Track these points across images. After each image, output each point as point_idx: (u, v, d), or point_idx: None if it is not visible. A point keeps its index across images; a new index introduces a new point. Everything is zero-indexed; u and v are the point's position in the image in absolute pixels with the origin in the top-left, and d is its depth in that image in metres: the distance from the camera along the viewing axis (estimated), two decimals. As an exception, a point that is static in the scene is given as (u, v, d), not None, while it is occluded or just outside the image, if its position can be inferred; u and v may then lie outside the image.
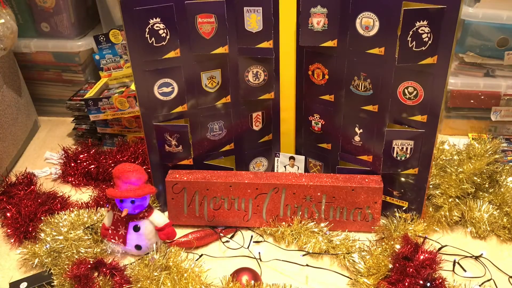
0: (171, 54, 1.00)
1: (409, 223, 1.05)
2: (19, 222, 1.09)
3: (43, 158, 1.37)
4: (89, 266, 0.94)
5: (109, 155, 1.29)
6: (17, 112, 1.38)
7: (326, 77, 1.06)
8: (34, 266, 1.00)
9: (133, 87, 1.26)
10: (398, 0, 0.90)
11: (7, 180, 1.23)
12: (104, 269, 0.95)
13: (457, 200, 1.10)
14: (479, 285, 0.93)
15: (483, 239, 1.07)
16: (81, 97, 1.37)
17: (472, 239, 1.07)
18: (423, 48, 0.92)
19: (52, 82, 1.51)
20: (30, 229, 1.07)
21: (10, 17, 1.25)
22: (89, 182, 1.26)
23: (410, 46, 0.92)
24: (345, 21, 0.97)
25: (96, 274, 0.95)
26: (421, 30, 0.91)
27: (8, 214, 1.11)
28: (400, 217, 1.07)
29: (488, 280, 0.95)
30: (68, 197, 1.20)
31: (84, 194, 1.23)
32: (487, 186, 1.14)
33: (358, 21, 0.96)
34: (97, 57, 1.40)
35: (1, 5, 1.26)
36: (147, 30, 0.96)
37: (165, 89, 1.03)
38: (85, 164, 1.27)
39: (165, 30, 0.97)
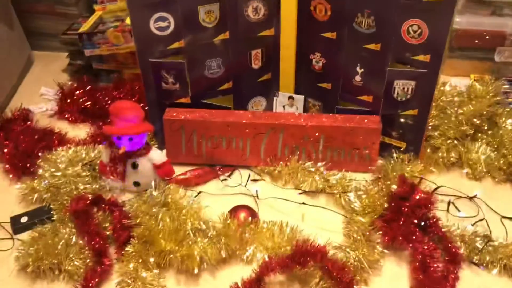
0: (168, -13, 0.96)
1: (406, 163, 1.06)
2: (17, 158, 1.09)
3: (39, 94, 1.35)
4: (88, 201, 0.95)
5: (105, 91, 1.27)
6: (9, 46, 1.35)
7: (329, 13, 1.02)
8: (33, 201, 1.01)
9: (128, 21, 1.22)
10: None
11: (3, 115, 1.22)
12: (103, 205, 0.96)
13: (455, 141, 1.10)
14: (472, 225, 0.95)
15: (479, 180, 1.08)
16: (75, 31, 1.33)
17: (467, 180, 1.08)
18: (431, -16, 0.88)
19: (44, 15, 1.46)
20: (28, 164, 1.08)
21: None
22: (86, 119, 1.25)
23: (417, -19, 0.89)
24: (351, -47, 0.93)
25: (95, 209, 0.96)
26: (430, -36, 0.87)
27: (6, 150, 1.11)
28: (397, 157, 1.07)
29: (481, 220, 0.97)
30: (65, 133, 1.20)
31: (81, 131, 1.22)
32: (486, 128, 1.13)
33: (364, -47, 0.91)
34: (90, -11, 1.35)
35: None
36: (142, -40, 0.91)
37: (161, 24, 1.00)
38: (81, 100, 1.26)
39: (161, -40, 0.93)
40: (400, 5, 0.93)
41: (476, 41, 1.32)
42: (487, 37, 1.30)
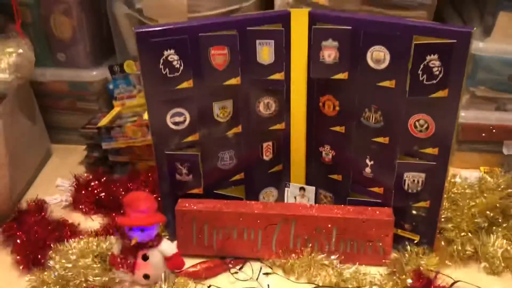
0: (184, 85, 1.02)
1: (420, 256, 1.03)
2: (28, 249, 1.09)
3: (55, 185, 1.38)
4: (97, 295, 0.93)
5: (120, 183, 1.30)
6: (30, 140, 1.40)
7: (337, 108, 1.07)
8: (42, 294, 1.00)
9: (145, 116, 1.27)
10: (409, 35, 0.92)
11: (18, 206, 1.24)
12: (111, 298, 0.94)
13: (469, 234, 1.08)
14: (494, 323, 0.91)
15: (497, 275, 1.05)
16: (94, 125, 1.38)
17: (485, 275, 1.05)
18: (434, 82, 0.93)
19: (66, 110, 1.53)
20: (39, 256, 1.07)
21: (28, 47, 1.29)
22: (99, 210, 1.26)
23: (421, 79, 0.93)
24: (356, 54, 0.99)
25: (103, 303, 0.94)
26: (432, 63, 0.92)
27: (18, 241, 1.12)
28: (411, 250, 1.05)
29: (503, 318, 0.93)
30: (78, 224, 1.20)
31: (94, 222, 1.23)
32: (500, 220, 1.12)
33: (369, 54, 0.97)
34: (111, 86, 1.42)
35: (20, 36, 1.29)
36: (161, 61, 0.98)
37: (177, 119, 1.04)
38: (95, 191, 1.28)
39: (178, 61, 0.99)
40: (406, 101, 0.97)
41: (483, 134, 1.34)
42: (494, 130, 1.33)
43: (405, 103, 0.97)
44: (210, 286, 1.01)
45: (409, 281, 0.94)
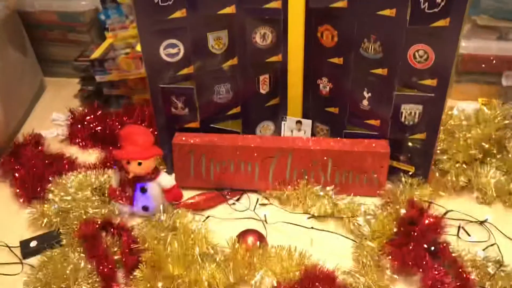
0: (177, 14, 0.98)
1: (415, 187, 1.05)
2: (27, 182, 1.10)
3: (50, 119, 1.37)
4: (97, 226, 0.95)
5: (115, 116, 1.29)
6: (23, 72, 1.37)
7: (336, 39, 1.04)
8: (43, 225, 1.02)
9: (138, 48, 1.24)
10: (411, -41, 0.88)
11: (15, 140, 1.24)
12: (111, 229, 0.96)
13: (464, 165, 1.09)
14: (483, 250, 0.94)
15: (489, 205, 1.07)
16: (86, 57, 1.36)
17: (477, 205, 1.07)
18: (436, 10, 0.90)
19: (57, 42, 1.49)
20: (39, 189, 1.09)
21: (13, -26, 1.23)
22: (96, 144, 1.26)
23: (422, 7, 0.90)
24: (356, -19, 0.95)
25: (104, 234, 0.96)
26: (435, -10, 0.88)
27: (17, 174, 1.13)
28: (406, 181, 1.07)
29: (492, 245, 0.96)
30: (75, 158, 1.21)
31: (91, 156, 1.23)
32: (495, 151, 1.13)
33: (369, -19, 0.93)
34: (102, 17, 1.37)
35: (4, -38, 1.23)
36: (153, -11, 0.94)
37: (171, 50, 1.02)
38: (91, 125, 1.28)
39: (171, -11, 0.95)
40: (406, 31, 0.94)
41: (483, 65, 1.32)
42: (494, 61, 1.31)
43: (405, 33, 0.94)
44: (208, 217, 1.03)
45: (403, 211, 0.96)
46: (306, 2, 1.01)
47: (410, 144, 1.06)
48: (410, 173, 1.09)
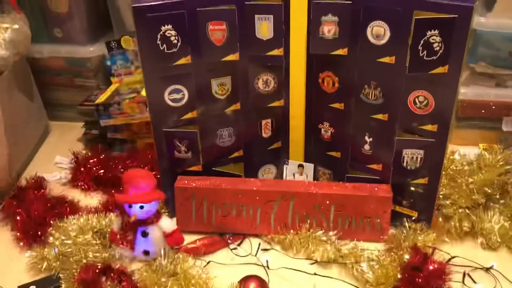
0: (182, 61, 1.01)
1: (418, 233, 1.04)
2: (28, 226, 1.09)
3: (53, 163, 1.38)
4: (97, 270, 0.94)
5: (118, 160, 1.30)
6: (28, 117, 1.39)
7: (337, 85, 1.06)
8: (42, 269, 1.01)
9: (143, 93, 1.27)
10: (409, 9, 0.90)
11: (17, 184, 1.24)
12: (112, 274, 0.95)
13: (467, 210, 1.08)
14: (489, 297, 0.92)
15: (494, 251, 1.06)
16: (92, 102, 1.38)
17: (482, 251, 1.06)
18: (434, 58, 0.92)
19: (63, 87, 1.52)
20: (39, 233, 1.08)
21: (24, 22, 1.27)
22: (99, 187, 1.26)
23: (421, 55, 0.92)
24: (356, 29, 0.97)
25: (104, 278, 0.95)
26: (432, 39, 0.90)
27: (18, 218, 1.12)
28: (409, 227, 1.06)
29: (499, 292, 0.94)
30: (78, 201, 1.21)
31: (93, 199, 1.23)
32: (498, 197, 1.13)
33: (369, 29, 0.96)
34: (108, 63, 1.41)
35: (15, 10, 1.27)
36: (158, 36, 0.96)
37: (176, 96, 1.04)
38: (94, 169, 1.28)
39: (176, 37, 0.98)
40: (406, 77, 0.96)
41: (483, 111, 1.34)
42: (493, 107, 1.33)
43: (404, 79, 0.96)
44: (209, 262, 1.02)
45: (407, 257, 0.95)
46: (307, 49, 1.04)
47: (412, 188, 1.06)
48: (413, 218, 1.08)
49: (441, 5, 0.89)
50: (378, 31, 0.95)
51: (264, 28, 1.02)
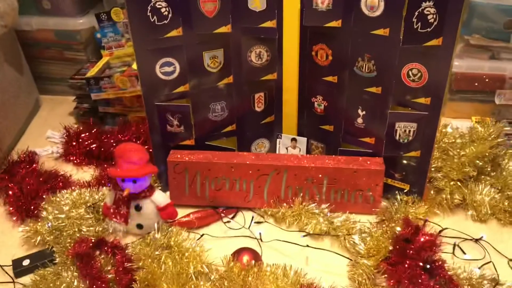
0: (173, 33, 0.99)
1: (410, 205, 1.05)
2: (21, 200, 1.09)
3: (45, 137, 1.37)
4: (90, 244, 0.94)
5: (110, 134, 1.29)
6: (18, 90, 1.37)
7: (330, 58, 1.05)
8: (36, 243, 1.01)
9: (134, 66, 1.25)
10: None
11: (9, 158, 1.24)
12: (105, 248, 0.96)
13: (458, 183, 1.09)
14: (479, 268, 0.94)
15: (484, 222, 1.07)
16: (82, 75, 1.36)
17: (472, 222, 1.07)
18: (428, 30, 0.91)
19: (53, 60, 1.50)
20: (32, 207, 1.08)
21: (11, -7, 1.24)
22: (91, 161, 1.26)
23: (415, 27, 0.91)
24: (350, 0, 0.96)
25: (97, 252, 0.95)
26: (427, 11, 0.89)
27: (10, 192, 1.12)
28: (401, 199, 1.07)
29: (488, 263, 0.96)
30: (70, 176, 1.20)
31: (85, 173, 1.23)
32: (489, 169, 1.13)
33: (363, 1, 0.94)
34: (98, 35, 1.38)
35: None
36: (149, 8, 0.95)
37: (167, 69, 1.02)
38: (86, 143, 1.27)
39: (167, 9, 0.96)
40: (400, 50, 0.95)
41: (476, 84, 1.34)
42: (487, 80, 1.32)
43: (398, 52, 0.96)
44: (203, 235, 1.03)
45: (398, 229, 0.96)
46: (300, 21, 1.02)
47: (404, 162, 1.07)
48: (405, 191, 1.09)
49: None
50: (372, 2, 0.94)
51: (256, -1, 1.00)
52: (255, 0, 1.00)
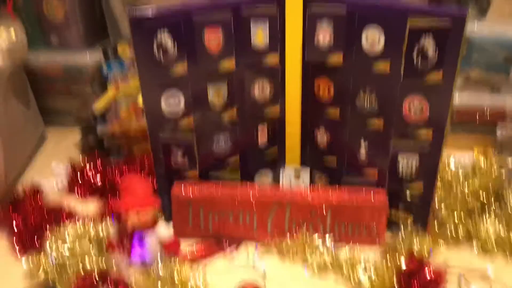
0: (179, 69, 1.01)
1: (414, 238, 1.05)
2: (24, 234, 1.09)
3: (50, 169, 1.38)
4: (94, 279, 0.94)
5: (115, 166, 1.30)
6: (24, 123, 1.39)
7: (332, 91, 1.06)
8: (39, 277, 1.00)
9: (140, 100, 1.27)
10: (403, 16, 0.91)
11: (13, 190, 1.24)
12: (109, 282, 0.95)
13: (462, 215, 1.09)
14: (485, 302, 0.92)
15: (489, 256, 1.06)
16: (88, 109, 1.37)
17: (478, 255, 1.06)
18: (429, 65, 0.92)
19: (60, 94, 1.52)
20: (36, 240, 1.08)
21: (20, 29, 1.27)
22: (95, 194, 1.26)
23: (415, 62, 0.93)
24: (351, 36, 0.98)
25: (101, 286, 0.95)
26: (427, 46, 0.91)
27: (14, 225, 1.12)
28: (405, 231, 1.06)
29: (494, 297, 0.95)
30: (74, 208, 1.20)
31: (90, 206, 1.23)
32: (493, 202, 1.13)
33: (364, 36, 0.97)
34: (104, 70, 1.41)
35: (11, 17, 1.27)
36: (154, 45, 0.97)
37: (172, 103, 1.04)
38: (91, 175, 1.28)
39: (172, 45, 0.98)
40: (400, 84, 0.97)
41: (477, 117, 1.35)
42: (488, 113, 1.33)
43: (399, 86, 0.97)
44: (206, 267, 1.02)
45: (402, 262, 0.95)
46: (302, 56, 1.05)
47: (408, 194, 1.07)
48: (409, 222, 1.08)
49: (435, 13, 0.89)
50: (373, 38, 0.96)
51: (259, 35, 1.02)
52: (258, 36, 1.02)
